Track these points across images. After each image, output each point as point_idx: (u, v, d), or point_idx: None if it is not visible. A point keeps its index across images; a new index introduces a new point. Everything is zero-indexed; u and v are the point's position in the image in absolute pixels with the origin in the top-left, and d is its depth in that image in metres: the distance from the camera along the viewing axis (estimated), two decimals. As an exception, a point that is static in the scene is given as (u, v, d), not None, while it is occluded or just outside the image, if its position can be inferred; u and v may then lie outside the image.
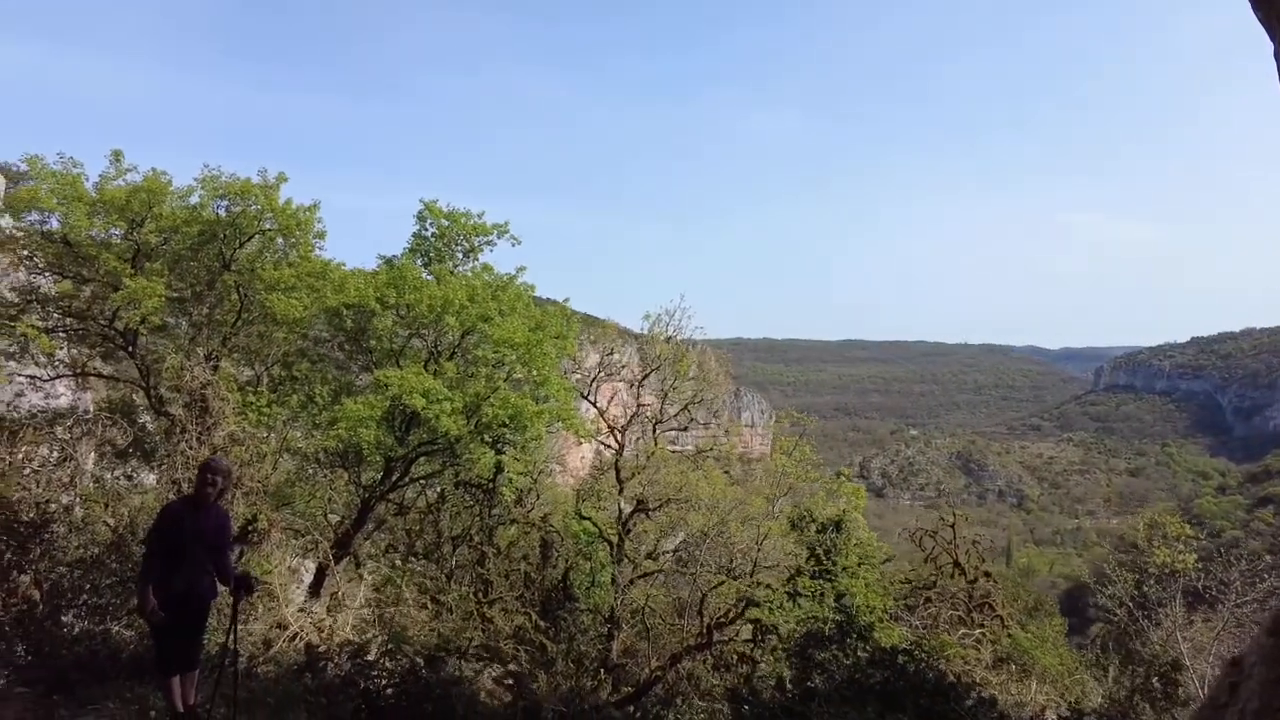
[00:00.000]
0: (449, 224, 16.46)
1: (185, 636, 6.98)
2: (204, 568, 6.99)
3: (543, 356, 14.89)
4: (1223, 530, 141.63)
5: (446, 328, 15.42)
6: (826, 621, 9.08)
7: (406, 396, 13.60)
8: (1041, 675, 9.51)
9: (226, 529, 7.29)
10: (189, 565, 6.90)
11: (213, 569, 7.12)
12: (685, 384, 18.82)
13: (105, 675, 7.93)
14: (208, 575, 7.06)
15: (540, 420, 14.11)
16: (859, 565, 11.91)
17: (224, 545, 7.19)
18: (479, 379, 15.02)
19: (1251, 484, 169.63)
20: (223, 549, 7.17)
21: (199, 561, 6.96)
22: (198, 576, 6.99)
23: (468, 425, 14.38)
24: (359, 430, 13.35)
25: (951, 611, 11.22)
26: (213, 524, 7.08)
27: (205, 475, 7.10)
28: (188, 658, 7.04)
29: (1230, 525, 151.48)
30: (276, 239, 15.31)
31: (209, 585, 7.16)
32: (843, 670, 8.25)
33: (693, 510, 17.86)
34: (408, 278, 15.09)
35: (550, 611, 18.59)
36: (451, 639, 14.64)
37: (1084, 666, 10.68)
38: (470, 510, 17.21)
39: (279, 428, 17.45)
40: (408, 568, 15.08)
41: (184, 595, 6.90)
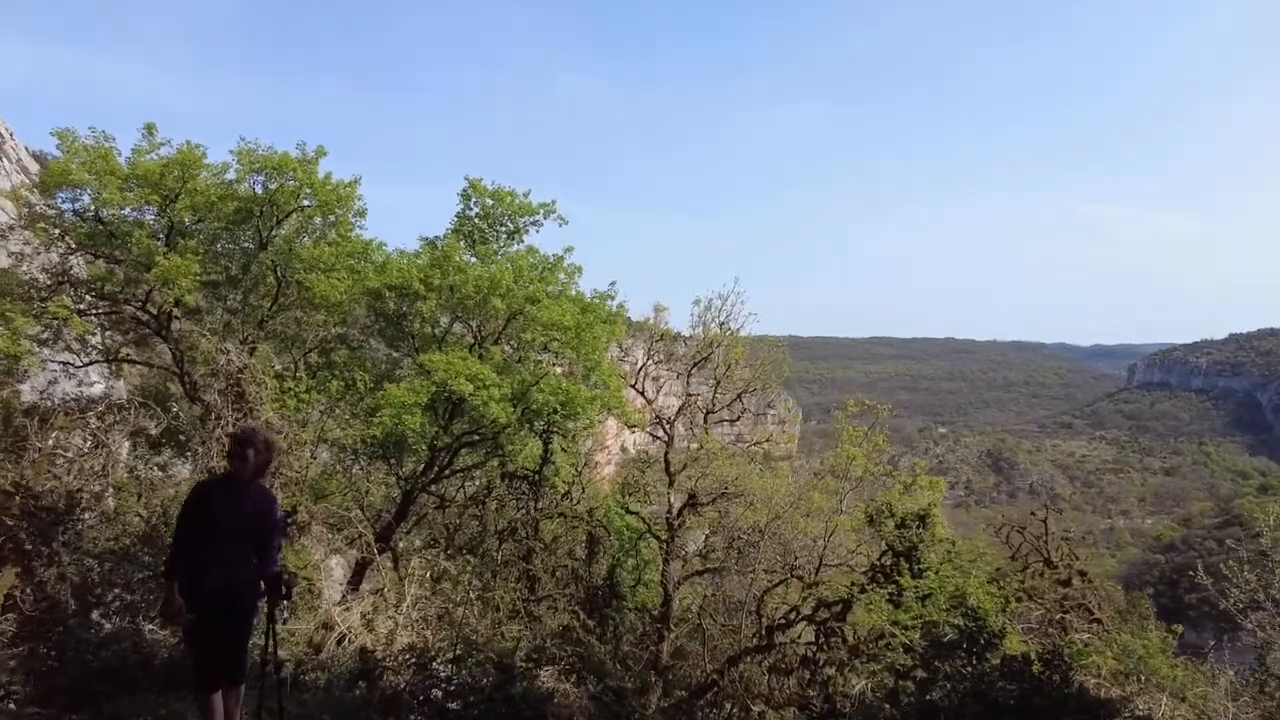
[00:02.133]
0: (493, 203, 15.65)
1: (226, 643, 5.91)
2: (244, 559, 5.88)
3: (593, 340, 14.04)
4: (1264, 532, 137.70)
5: (492, 311, 14.62)
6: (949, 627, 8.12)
7: (452, 381, 12.81)
8: (1166, 689, 8.49)
9: (271, 513, 6.12)
10: (225, 556, 5.79)
11: (256, 561, 5.99)
12: (738, 373, 17.91)
13: (135, 685, 6.93)
14: (249, 568, 5.93)
15: (592, 407, 13.26)
16: (941, 564, 10.91)
17: (270, 533, 6.05)
18: (527, 364, 14.22)
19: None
20: (268, 537, 6.04)
21: (238, 551, 5.85)
22: (236, 569, 5.86)
23: (515, 413, 13.59)
24: (403, 417, 12.58)
25: (1051, 614, 10.22)
26: (253, 506, 5.93)
27: (236, 446, 5.88)
28: (230, 668, 5.93)
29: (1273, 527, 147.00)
30: (315, 217, 14.60)
31: (251, 580, 6.00)
32: (967, 682, 7.31)
33: (748, 506, 16.96)
34: (452, 258, 14.30)
35: (597, 610, 17.79)
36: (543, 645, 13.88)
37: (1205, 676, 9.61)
38: (517, 503, 16.45)
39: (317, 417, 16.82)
40: (463, 562, 14.33)
41: (220, 593, 5.79)
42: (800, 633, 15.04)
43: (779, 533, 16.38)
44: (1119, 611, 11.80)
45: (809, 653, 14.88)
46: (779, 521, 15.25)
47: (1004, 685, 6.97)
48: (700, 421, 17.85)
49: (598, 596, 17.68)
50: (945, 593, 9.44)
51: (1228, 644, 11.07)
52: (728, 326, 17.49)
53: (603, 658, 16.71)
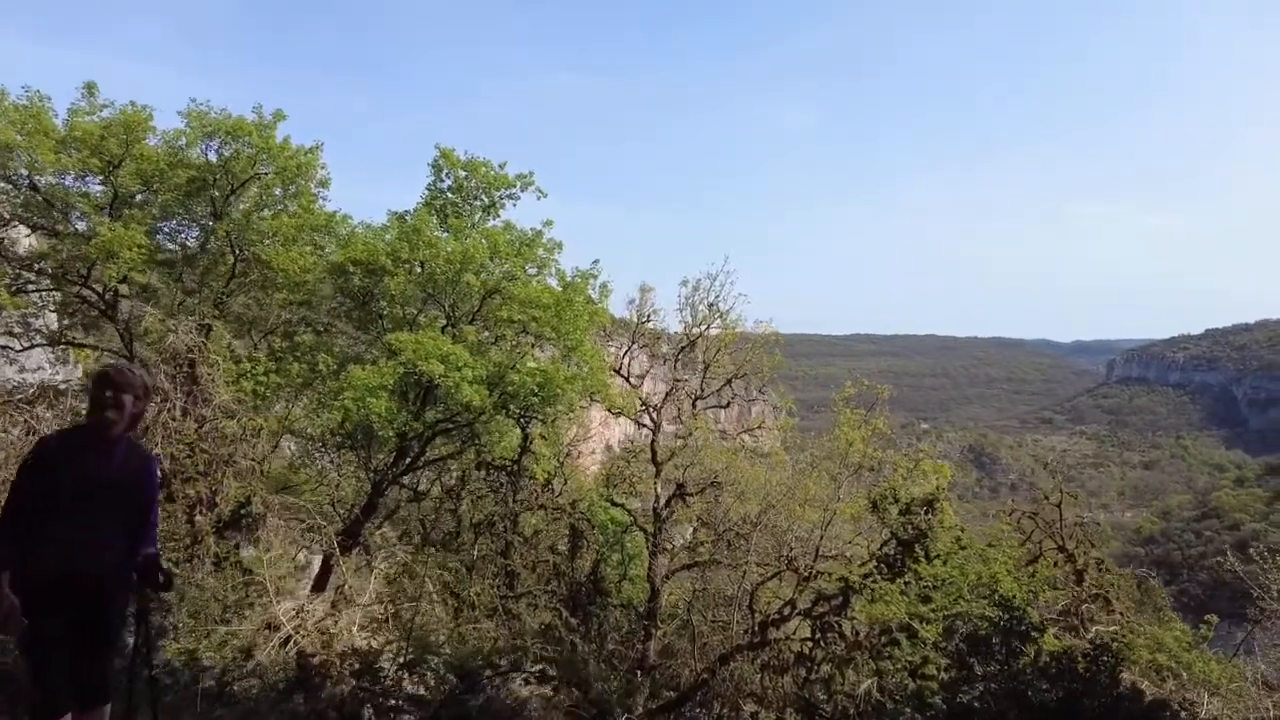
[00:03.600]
0: (466, 175, 14.69)
1: (78, 650, 4.37)
2: (104, 538, 4.41)
3: (574, 319, 13.12)
4: (1242, 523, 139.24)
5: (466, 289, 13.68)
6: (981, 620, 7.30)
7: (421, 362, 11.86)
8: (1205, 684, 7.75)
9: (146, 478, 4.68)
10: (73, 534, 4.31)
11: (123, 539, 4.50)
12: (727, 359, 17.02)
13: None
14: (112, 550, 4.45)
15: (573, 388, 12.34)
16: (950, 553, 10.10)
17: (144, 504, 4.63)
18: (504, 344, 13.30)
19: (1270, 476, 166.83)
20: (142, 510, 4.61)
21: (94, 528, 4.38)
22: (90, 552, 4.36)
23: (491, 397, 12.65)
24: (368, 400, 11.61)
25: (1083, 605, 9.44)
26: (120, 469, 4.49)
27: (106, 390, 4.42)
28: (84, 688, 4.40)
29: (1250, 518, 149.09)
30: (275, 188, 13.58)
31: (116, 567, 4.47)
32: (1001, 683, 6.51)
33: (739, 496, 16.11)
34: (422, 232, 13.33)
35: (580, 607, 16.89)
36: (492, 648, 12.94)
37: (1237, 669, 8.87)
38: (495, 494, 15.48)
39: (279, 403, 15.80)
40: (427, 556, 13.39)
41: (67, 583, 4.30)
42: (795, 629, 14.23)
43: (772, 523, 15.56)
44: (1135, 602, 11.06)
45: (805, 649, 14.09)
46: (772, 511, 14.39)
47: (1045, 686, 6.19)
48: (688, 408, 16.95)
49: (581, 593, 16.78)
50: (967, 581, 8.62)
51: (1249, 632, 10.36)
52: (717, 308, 16.59)
53: (586, 658, 15.82)
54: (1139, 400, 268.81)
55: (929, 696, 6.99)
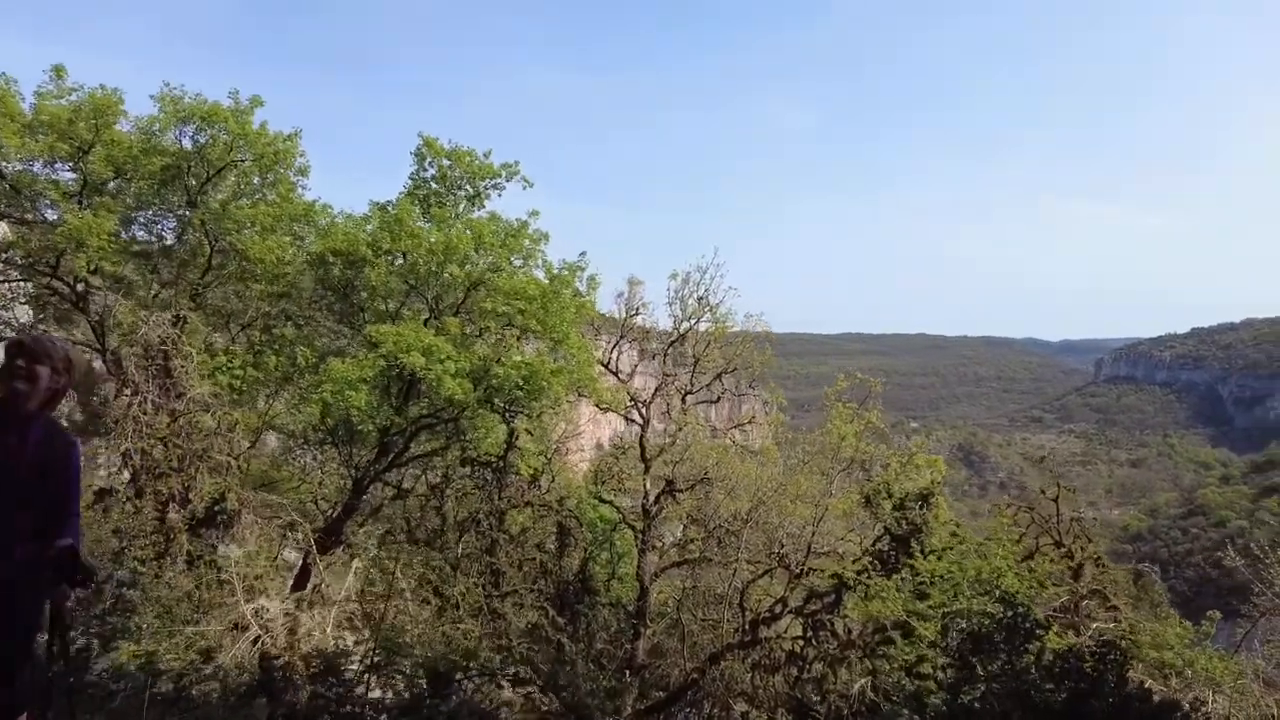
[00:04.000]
0: (450, 164, 14.34)
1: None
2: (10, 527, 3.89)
3: (561, 310, 12.80)
4: (1227, 520, 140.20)
5: (450, 280, 13.36)
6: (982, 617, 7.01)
7: (403, 355, 11.52)
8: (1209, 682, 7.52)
9: (65, 461, 4.11)
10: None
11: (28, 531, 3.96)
12: (716, 353, 16.75)
13: None
14: (22, 542, 3.92)
15: (559, 381, 12.02)
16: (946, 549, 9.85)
17: (61, 490, 4.07)
18: (488, 337, 12.97)
19: (1255, 474, 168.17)
20: (58, 496, 4.06)
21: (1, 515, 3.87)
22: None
23: (475, 390, 12.32)
24: (347, 394, 11.26)
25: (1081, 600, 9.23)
26: (33, 449, 3.95)
27: (21, 360, 3.94)
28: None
29: (1235, 515, 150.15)
30: (253, 176, 13.21)
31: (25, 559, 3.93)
32: (1004, 682, 6.25)
33: (729, 492, 15.84)
34: (404, 222, 12.97)
35: (568, 606, 16.57)
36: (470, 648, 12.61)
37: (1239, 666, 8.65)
38: (480, 491, 15.14)
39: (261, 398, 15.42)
40: (403, 554, 13.05)
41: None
42: (787, 627, 13.97)
43: (763, 520, 15.29)
44: (1132, 598, 10.87)
45: (796, 648, 13.82)
46: (763, 508, 14.12)
47: (1049, 686, 5.93)
48: (678, 404, 16.66)
49: (569, 592, 16.46)
50: (965, 577, 8.36)
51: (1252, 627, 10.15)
52: (706, 302, 16.31)
53: (574, 657, 15.51)
54: (1126, 399, 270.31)
55: (927, 696, 6.73)
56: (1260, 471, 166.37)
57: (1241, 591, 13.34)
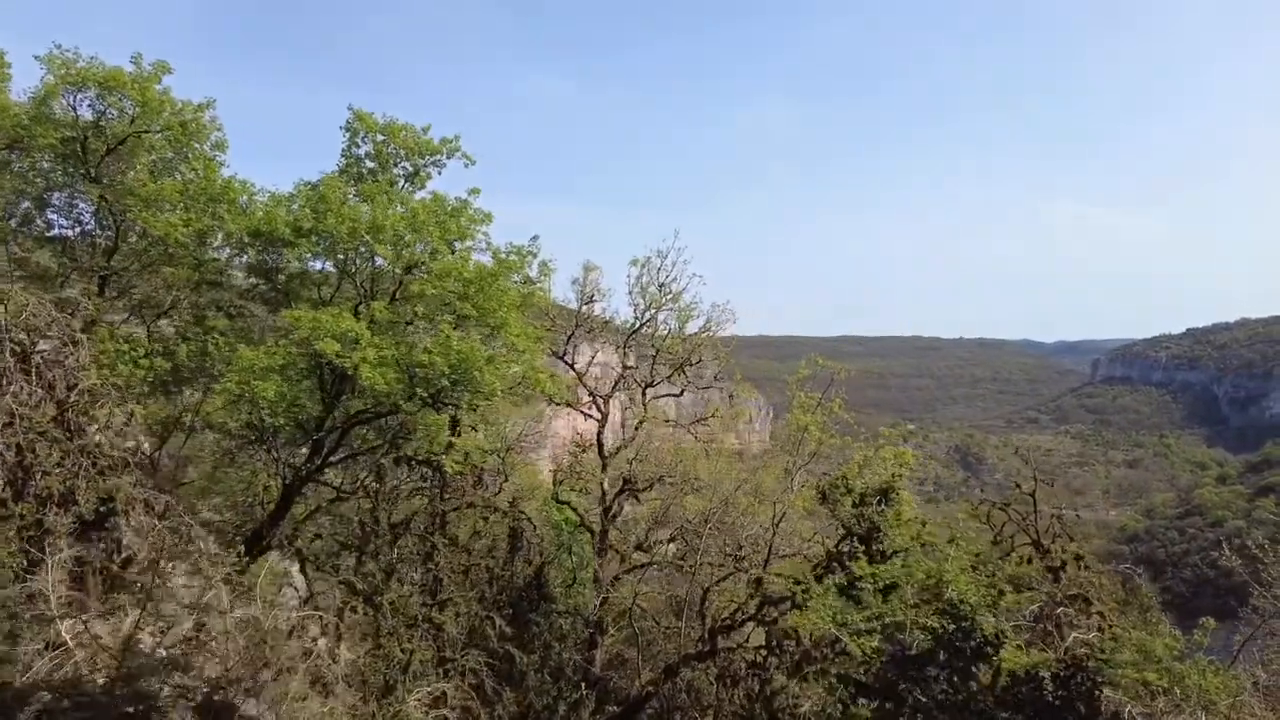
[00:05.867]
0: (385, 139, 13.31)
1: None
2: None
3: (499, 295, 11.77)
4: (1224, 520, 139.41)
5: (381, 263, 12.33)
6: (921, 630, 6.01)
7: (317, 341, 10.48)
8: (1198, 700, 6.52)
9: None
10: None
11: None
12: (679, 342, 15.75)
13: None
14: None
15: (494, 371, 10.97)
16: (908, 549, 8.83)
17: None
18: (419, 323, 11.95)
19: (1251, 474, 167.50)
20: None
21: None
22: None
23: (403, 380, 11.27)
24: (255, 384, 10.22)
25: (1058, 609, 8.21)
26: None
27: None
28: None
29: (1232, 515, 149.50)
30: (166, 151, 12.17)
31: None
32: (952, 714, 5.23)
33: (694, 490, 14.84)
34: (330, 199, 11.93)
35: (521, 615, 15.53)
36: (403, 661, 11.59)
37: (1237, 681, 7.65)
38: (421, 493, 14.09)
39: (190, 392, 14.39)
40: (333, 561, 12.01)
41: None
42: (749, 635, 12.96)
43: (728, 520, 14.30)
44: (1119, 602, 9.87)
45: (758, 658, 12.81)
46: (725, 507, 13.11)
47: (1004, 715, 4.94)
48: (639, 397, 15.65)
49: (522, 599, 15.43)
50: (914, 583, 7.33)
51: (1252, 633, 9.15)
52: (668, 288, 15.31)
53: (525, 669, 14.48)
54: (1122, 399, 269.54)
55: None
56: (1256, 471, 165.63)
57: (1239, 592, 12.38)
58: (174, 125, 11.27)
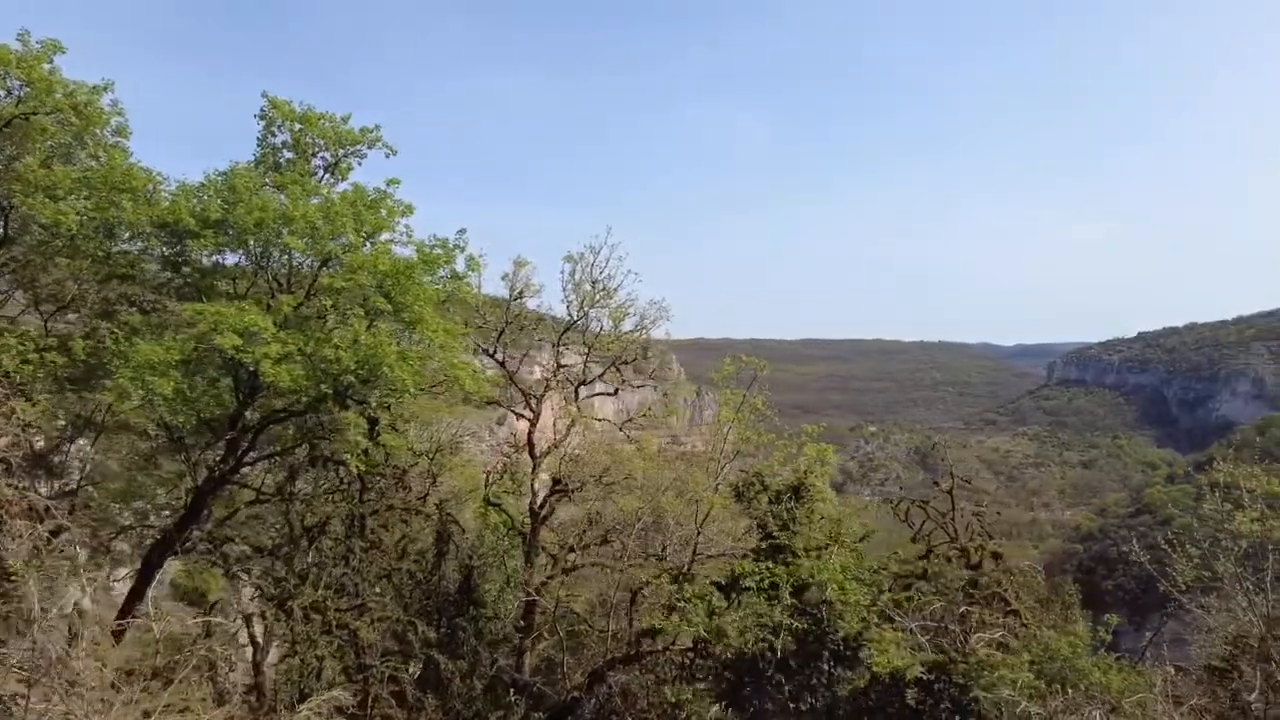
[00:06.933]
0: (303, 129, 12.84)
1: None
2: None
3: (415, 288, 11.38)
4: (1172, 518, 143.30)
5: (293, 255, 11.87)
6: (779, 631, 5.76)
7: (217, 335, 10.01)
8: (1098, 697, 6.41)
9: None
10: None
11: None
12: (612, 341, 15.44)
13: None
14: None
15: (405, 367, 10.58)
16: (824, 548, 8.65)
17: None
18: (331, 317, 11.50)
19: (1198, 473, 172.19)
20: None
21: None
22: None
23: (312, 376, 10.83)
24: (149, 379, 9.71)
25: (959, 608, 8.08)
26: None
27: None
28: None
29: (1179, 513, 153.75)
30: (64, 136, 11.56)
31: None
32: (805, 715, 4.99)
33: (623, 490, 14.53)
34: (238, 188, 11.44)
35: (449, 620, 15.10)
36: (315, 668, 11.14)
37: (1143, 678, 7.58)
38: (340, 494, 13.60)
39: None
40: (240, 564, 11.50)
41: None
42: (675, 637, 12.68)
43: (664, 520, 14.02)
44: (1040, 601, 9.81)
45: (686, 659, 12.55)
46: (653, 508, 12.84)
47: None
48: (571, 396, 15.32)
49: (449, 604, 15.00)
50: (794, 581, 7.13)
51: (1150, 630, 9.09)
52: (602, 285, 15.01)
53: (451, 675, 14.07)
54: (1078, 401, 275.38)
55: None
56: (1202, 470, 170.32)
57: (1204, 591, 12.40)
58: (66, 107, 10.68)
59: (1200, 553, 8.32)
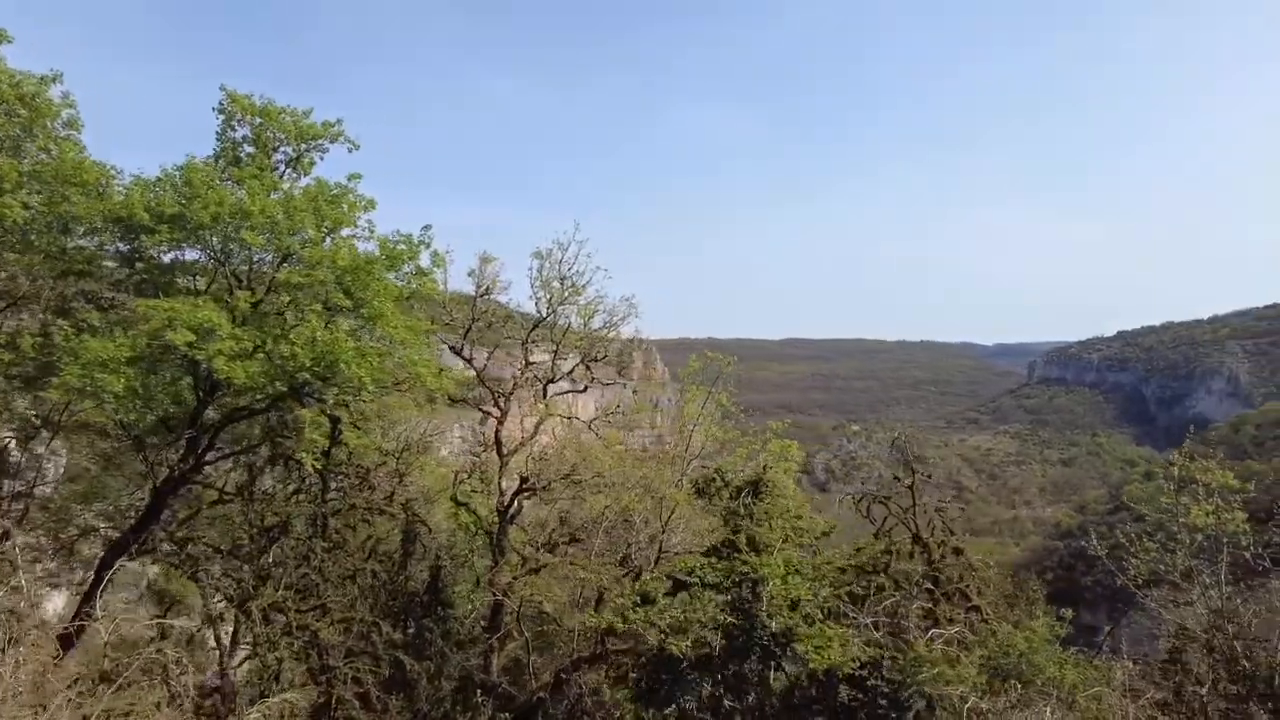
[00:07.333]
0: (263, 122, 12.65)
1: None
2: None
3: (375, 284, 11.22)
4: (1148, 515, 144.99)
5: (251, 250, 11.67)
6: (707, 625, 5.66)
7: (169, 332, 9.81)
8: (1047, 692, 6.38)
9: None
10: None
11: None
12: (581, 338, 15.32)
13: None
14: None
15: (363, 365, 10.42)
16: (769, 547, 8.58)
17: None
18: (289, 313, 11.32)
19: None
20: None
21: None
22: None
23: (269, 374, 10.64)
24: (97, 376, 9.50)
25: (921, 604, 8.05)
26: None
27: None
28: None
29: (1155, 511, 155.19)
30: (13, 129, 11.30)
31: None
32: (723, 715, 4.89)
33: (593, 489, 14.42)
34: (195, 183, 11.24)
35: (415, 621, 14.92)
36: None
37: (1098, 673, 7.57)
38: (301, 494, 13.39)
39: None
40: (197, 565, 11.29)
41: None
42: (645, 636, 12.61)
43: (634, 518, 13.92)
44: (1005, 596, 9.81)
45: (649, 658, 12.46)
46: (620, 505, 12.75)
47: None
48: (540, 394, 15.19)
49: (416, 605, 14.82)
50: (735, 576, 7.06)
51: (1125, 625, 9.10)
52: (570, 281, 14.90)
53: (416, 676, 13.89)
54: (1058, 400, 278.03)
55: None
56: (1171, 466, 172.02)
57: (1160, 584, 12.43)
58: (11, 98, 10.44)
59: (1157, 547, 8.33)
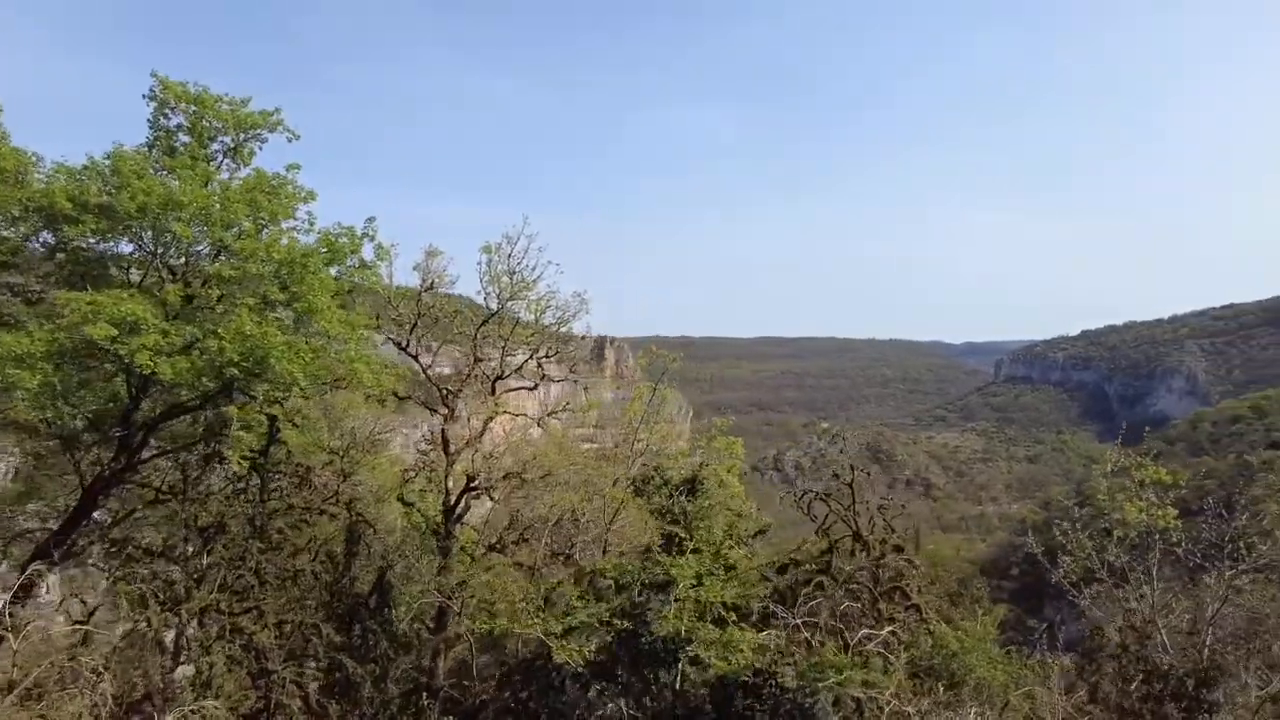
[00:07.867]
0: (198, 111, 12.25)
1: None
2: None
3: (311, 278, 10.90)
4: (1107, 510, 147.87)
5: (184, 243, 11.29)
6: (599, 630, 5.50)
7: (88, 326, 9.43)
8: (979, 692, 6.33)
9: None
10: None
11: None
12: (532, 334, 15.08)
13: None
14: None
15: (294, 360, 10.11)
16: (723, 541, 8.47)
17: None
18: (219, 309, 10.97)
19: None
20: None
21: None
22: None
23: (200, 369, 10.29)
24: (9, 372, 9.10)
25: (851, 603, 7.99)
26: None
27: None
28: None
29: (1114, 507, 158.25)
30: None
31: None
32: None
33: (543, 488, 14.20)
34: (122, 172, 10.84)
35: (360, 623, 14.61)
36: None
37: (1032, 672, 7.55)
38: (238, 494, 13.02)
39: None
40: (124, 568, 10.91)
41: None
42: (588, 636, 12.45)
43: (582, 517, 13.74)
44: (949, 594, 9.79)
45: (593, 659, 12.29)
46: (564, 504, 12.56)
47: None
48: (488, 391, 14.94)
49: (360, 607, 14.51)
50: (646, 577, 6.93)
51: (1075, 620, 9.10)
52: (520, 276, 14.66)
53: (361, 679, 13.60)
54: (1024, 398, 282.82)
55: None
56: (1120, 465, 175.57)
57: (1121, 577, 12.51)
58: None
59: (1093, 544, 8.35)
